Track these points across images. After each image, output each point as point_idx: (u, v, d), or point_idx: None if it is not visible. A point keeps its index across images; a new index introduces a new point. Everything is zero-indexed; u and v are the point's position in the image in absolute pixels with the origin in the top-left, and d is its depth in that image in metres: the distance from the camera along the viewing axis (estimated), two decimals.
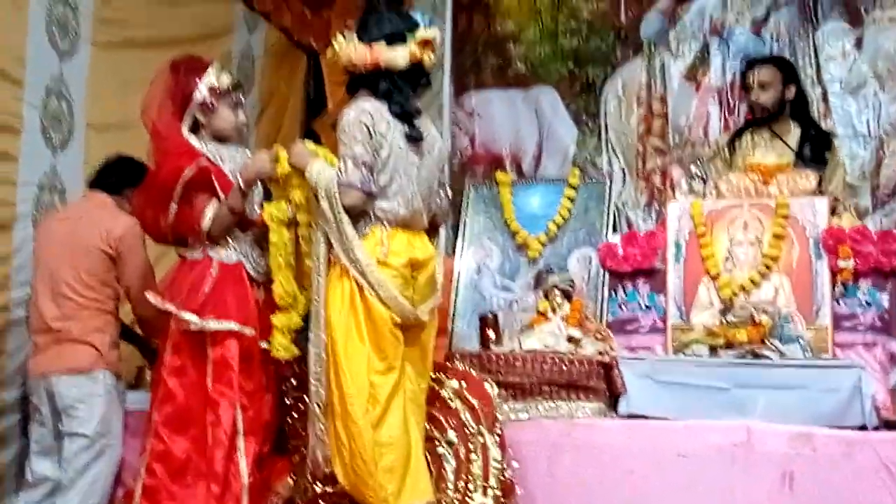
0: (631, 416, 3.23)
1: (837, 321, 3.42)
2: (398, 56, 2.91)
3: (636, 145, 5.68)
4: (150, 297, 3.13)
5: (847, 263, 3.44)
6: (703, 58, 5.65)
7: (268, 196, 3.25)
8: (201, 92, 3.14)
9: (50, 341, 3.35)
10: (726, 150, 4.46)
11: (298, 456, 3.02)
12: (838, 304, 3.45)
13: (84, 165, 4.08)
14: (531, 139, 5.85)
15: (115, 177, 3.57)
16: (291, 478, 3.07)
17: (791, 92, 4.30)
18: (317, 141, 3.64)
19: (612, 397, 3.33)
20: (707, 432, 3.00)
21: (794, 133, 4.25)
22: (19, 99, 3.81)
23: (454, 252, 4.22)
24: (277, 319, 3.00)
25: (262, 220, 3.10)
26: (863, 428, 2.97)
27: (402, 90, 2.94)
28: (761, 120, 4.31)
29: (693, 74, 5.66)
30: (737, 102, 5.39)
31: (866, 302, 3.44)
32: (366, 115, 2.86)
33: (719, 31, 5.64)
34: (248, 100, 4.52)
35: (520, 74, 5.94)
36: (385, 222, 2.88)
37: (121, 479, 3.33)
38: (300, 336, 3.05)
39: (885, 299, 3.42)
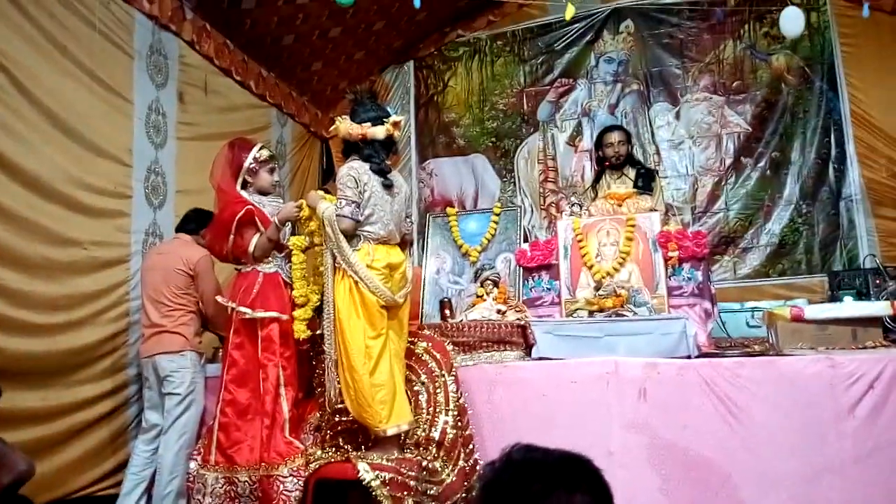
0: (540, 359, 3.21)
1: (670, 291, 3.43)
2: (378, 131, 2.91)
3: (538, 188, 5.74)
4: (220, 298, 3.10)
5: (674, 254, 3.46)
6: (578, 130, 5.72)
7: (293, 231, 3.24)
8: (248, 161, 3.12)
9: (153, 333, 3.30)
10: (593, 186, 4.50)
11: (322, 397, 2.98)
12: (670, 279, 3.46)
13: (175, 218, 4.04)
14: (471, 188, 5.89)
15: (193, 223, 3.54)
16: (318, 412, 3.04)
17: (630, 148, 4.38)
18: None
19: (527, 347, 3.32)
20: (589, 366, 2.99)
21: (631, 173, 4.27)
22: (129, 176, 3.79)
23: (421, 263, 4.23)
24: (296, 312, 2.96)
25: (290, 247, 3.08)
26: (688, 357, 2.99)
27: (378, 154, 2.92)
28: (614, 166, 4.33)
29: (572, 141, 5.73)
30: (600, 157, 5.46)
31: (687, 277, 3.45)
32: (353, 170, 2.85)
33: (588, 113, 5.71)
34: (282, 171, 4.51)
35: (461, 147, 5.97)
36: (370, 240, 2.85)
37: (203, 420, 3.28)
38: (318, 315, 3.03)
39: (699, 276, 3.44)
